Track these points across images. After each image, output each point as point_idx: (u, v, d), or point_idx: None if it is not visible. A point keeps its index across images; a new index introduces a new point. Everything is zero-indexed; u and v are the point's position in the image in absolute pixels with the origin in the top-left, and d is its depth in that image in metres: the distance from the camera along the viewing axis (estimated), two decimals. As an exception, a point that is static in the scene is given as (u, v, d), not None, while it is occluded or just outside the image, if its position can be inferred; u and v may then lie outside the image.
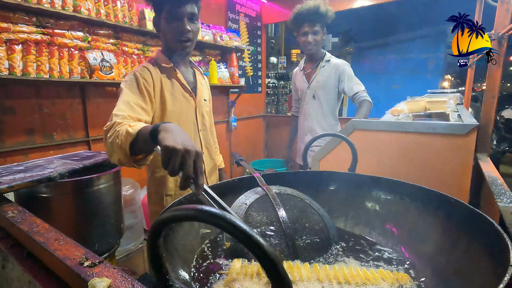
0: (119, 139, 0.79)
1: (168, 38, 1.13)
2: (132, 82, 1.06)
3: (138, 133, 0.77)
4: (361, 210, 0.94)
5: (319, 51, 2.09)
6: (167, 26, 1.10)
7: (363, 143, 1.33)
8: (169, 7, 1.07)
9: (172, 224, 0.35)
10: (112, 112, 0.92)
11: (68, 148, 1.99)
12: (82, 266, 0.46)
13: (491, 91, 1.18)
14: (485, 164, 1.06)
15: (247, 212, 0.84)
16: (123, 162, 0.83)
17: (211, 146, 1.37)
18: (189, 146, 0.60)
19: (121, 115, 0.90)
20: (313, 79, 2.11)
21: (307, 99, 2.16)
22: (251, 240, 0.29)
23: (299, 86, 2.22)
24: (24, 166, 0.96)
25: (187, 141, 0.62)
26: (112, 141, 0.82)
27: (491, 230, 0.56)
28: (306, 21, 1.96)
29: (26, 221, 0.64)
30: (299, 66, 2.28)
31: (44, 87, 1.83)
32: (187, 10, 1.08)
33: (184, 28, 1.09)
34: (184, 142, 0.61)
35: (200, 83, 1.31)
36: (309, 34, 1.98)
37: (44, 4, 1.60)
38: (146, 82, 1.08)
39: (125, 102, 0.98)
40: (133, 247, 2.03)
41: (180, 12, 1.07)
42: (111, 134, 0.83)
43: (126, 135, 0.78)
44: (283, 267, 0.29)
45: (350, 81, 2.02)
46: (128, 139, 0.77)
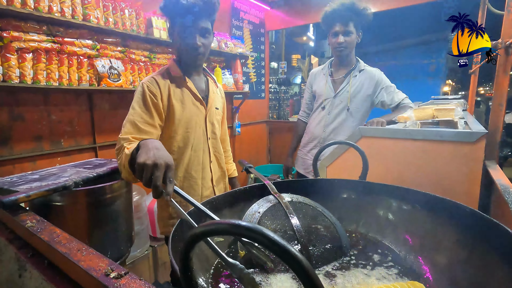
0: (121, 160, 0.93)
1: (181, 50, 1.18)
2: (139, 97, 1.11)
3: (132, 152, 0.87)
4: (373, 217, 0.95)
5: (351, 55, 1.84)
6: (180, 39, 1.14)
7: (370, 150, 1.34)
8: (183, 21, 1.10)
9: (206, 237, 0.35)
10: (119, 135, 1.02)
11: (75, 155, 2.00)
12: (109, 278, 0.47)
13: (499, 99, 1.19)
14: (495, 172, 1.06)
15: (261, 221, 0.84)
16: (129, 179, 0.98)
17: (221, 155, 1.37)
18: (158, 160, 0.67)
19: (125, 138, 0.99)
20: (342, 89, 1.84)
21: (331, 109, 1.87)
22: (289, 255, 0.30)
23: (321, 92, 1.92)
24: (39, 174, 0.97)
25: (158, 154, 0.69)
26: (119, 162, 0.96)
27: (507, 239, 0.56)
28: (337, 19, 1.72)
29: (46, 231, 0.65)
30: (322, 68, 2.00)
31: (53, 95, 1.86)
32: (200, 26, 1.11)
33: (195, 44, 1.12)
34: (155, 156, 0.68)
35: (212, 92, 1.32)
36: (340, 35, 1.73)
37: (55, 13, 1.63)
38: (153, 95, 1.12)
39: (131, 123, 1.06)
40: (139, 254, 2.03)
41: (192, 28, 1.11)
42: (119, 158, 0.97)
43: (125, 156, 0.91)
44: (320, 281, 0.29)
45: (389, 91, 1.80)
46: (127, 159, 0.89)
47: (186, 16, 1.08)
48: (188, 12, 1.08)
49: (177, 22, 1.12)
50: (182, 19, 1.10)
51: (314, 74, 2.05)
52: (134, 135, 1.02)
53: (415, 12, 4.68)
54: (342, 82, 1.86)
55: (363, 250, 0.85)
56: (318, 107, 1.95)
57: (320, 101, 1.93)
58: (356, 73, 1.84)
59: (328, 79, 1.91)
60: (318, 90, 1.96)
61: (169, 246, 0.59)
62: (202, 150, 1.27)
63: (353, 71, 1.84)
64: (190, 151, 1.23)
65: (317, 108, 1.96)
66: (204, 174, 1.28)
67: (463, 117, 1.61)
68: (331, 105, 1.87)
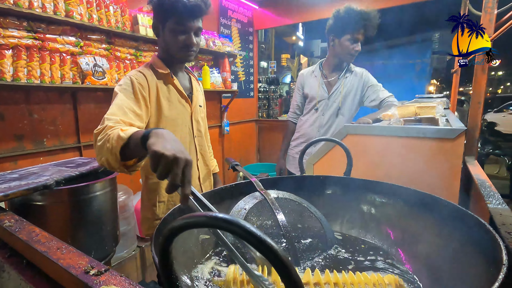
0: (109, 143, 0.77)
1: (172, 47, 1.13)
2: (127, 87, 1.04)
3: (130, 137, 0.75)
4: (357, 213, 0.96)
5: None
6: (173, 37, 1.10)
7: (356, 147, 1.36)
8: (178, 20, 1.07)
9: (184, 231, 0.35)
10: (104, 116, 0.89)
11: (59, 154, 1.95)
12: (88, 275, 0.46)
13: (477, 97, 1.23)
14: (474, 167, 1.10)
15: (247, 217, 0.85)
16: (113, 166, 0.81)
17: (206, 152, 1.37)
18: (178, 154, 0.59)
19: (113, 119, 0.88)
20: (335, 90, 1.88)
21: (324, 110, 1.90)
22: (265, 245, 0.30)
23: (314, 94, 1.93)
24: (19, 174, 0.94)
25: (178, 148, 0.61)
26: (102, 144, 0.80)
27: (483, 231, 0.58)
28: (363, 28, 1.73)
29: (25, 230, 0.63)
30: (313, 70, 2.00)
31: (34, 93, 1.80)
32: (195, 25, 1.10)
33: (191, 42, 1.11)
34: (175, 149, 0.60)
35: (196, 89, 1.32)
36: (359, 43, 1.77)
37: (36, 9, 1.59)
38: (142, 86, 1.06)
39: (119, 106, 0.95)
40: (126, 255, 2.00)
41: (188, 27, 1.09)
42: (102, 137, 0.81)
43: (117, 139, 0.76)
44: (296, 272, 0.30)
45: (375, 89, 1.85)
46: (120, 144, 0.76)
47: (184, 15, 1.06)
48: (188, 12, 1.06)
49: (170, 19, 1.08)
50: (178, 18, 1.07)
51: (304, 75, 2.04)
52: (120, 117, 0.90)
53: (400, 13, 4.78)
54: (335, 83, 1.89)
55: (347, 244, 0.87)
56: (312, 109, 1.95)
57: (313, 103, 1.93)
58: (347, 74, 1.89)
59: (321, 81, 1.92)
60: (310, 92, 1.96)
61: (152, 243, 0.58)
62: (189, 148, 1.26)
63: (346, 72, 1.89)
64: None
65: (310, 110, 1.97)
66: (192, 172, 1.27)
67: (445, 115, 1.66)
68: (325, 107, 1.90)
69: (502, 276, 0.43)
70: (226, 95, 3.50)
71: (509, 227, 0.60)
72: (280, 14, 3.78)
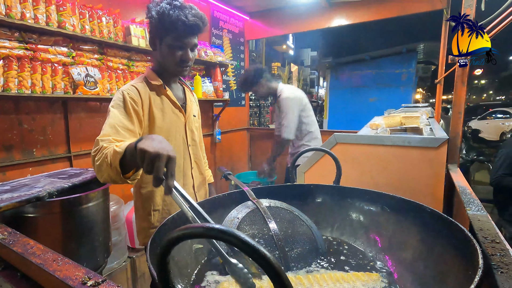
0: (108, 159, 0.83)
1: (168, 62, 1.17)
2: (119, 103, 1.08)
3: (126, 150, 0.81)
4: (346, 220, 1.00)
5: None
6: (170, 52, 1.14)
7: (345, 155, 1.41)
8: (177, 36, 1.11)
9: (181, 241, 0.37)
10: (97, 137, 0.94)
11: (49, 164, 1.93)
12: (86, 286, 0.47)
13: (458, 107, 1.30)
14: (455, 175, 1.15)
15: (240, 226, 0.86)
16: (116, 180, 0.86)
17: (201, 161, 1.39)
18: (161, 150, 0.66)
19: (106, 139, 0.93)
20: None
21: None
22: (258, 254, 0.32)
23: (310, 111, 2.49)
24: (10, 185, 0.94)
25: (162, 146, 0.68)
26: (101, 162, 0.85)
27: (462, 236, 0.62)
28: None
29: (19, 243, 0.64)
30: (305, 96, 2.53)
31: (25, 103, 1.79)
32: (192, 42, 1.15)
33: (187, 58, 1.15)
34: (158, 146, 0.67)
35: (190, 100, 1.35)
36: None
37: (28, 20, 1.59)
38: (133, 101, 1.10)
39: (111, 126, 1.00)
40: (117, 266, 1.97)
41: (185, 43, 1.13)
42: (99, 157, 0.87)
43: (114, 154, 0.82)
44: (287, 278, 0.32)
45: None
46: (117, 157, 0.81)
47: (183, 33, 1.10)
48: (187, 30, 1.10)
49: (168, 35, 1.12)
50: (177, 35, 1.10)
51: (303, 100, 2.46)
52: (114, 137, 0.96)
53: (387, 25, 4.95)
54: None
55: (336, 252, 0.90)
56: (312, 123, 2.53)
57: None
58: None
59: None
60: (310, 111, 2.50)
61: (147, 253, 0.59)
62: (183, 157, 1.29)
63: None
64: None
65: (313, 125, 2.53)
66: (186, 181, 1.30)
67: (429, 124, 1.73)
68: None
69: (478, 278, 0.47)
70: (217, 104, 3.53)
71: (486, 232, 0.64)
72: (271, 25, 3.87)
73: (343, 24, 3.33)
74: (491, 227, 0.66)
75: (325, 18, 3.42)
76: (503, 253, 0.54)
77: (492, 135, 9.98)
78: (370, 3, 3.10)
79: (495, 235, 0.62)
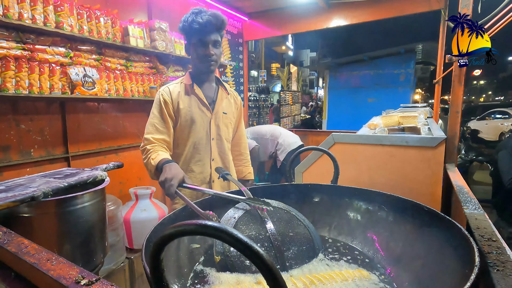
0: (148, 167, 1.24)
1: (195, 60, 1.37)
2: (156, 105, 1.36)
3: (157, 164, 1.19)
4: (344, 220, 0.99)
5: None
6: (194, 50, 1.34)
7: (343, 155, 1.40)
8: (198, 36, 1.31)
9: (175, 239, 0.37)
10: (143, 135, 1.32)
11: (46, 165, 1.92)
12: (79, 285, 0.47)
13: (455, 107, 1.30)
14: (453, 174, 1.15)
15: (237, 225, 0.86)
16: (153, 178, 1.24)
17: (226, 155, 1.49)
18: (168, 175, 1.05)
19: (149, 138, 1.29)
20: None
21: None
22: (251, 251, 0.32)
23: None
24: (5, 185, 0.93)
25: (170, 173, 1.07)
26: (145, 164, 1.27)
27: (459, 235, 0.62)
28: None
29: (13, 242, 0.63)
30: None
31: (22, 103, 1.79)
32: (212, 38, 1.31)
33: (209, 53, 1.32)
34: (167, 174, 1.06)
35: (221, 98, 1.46)
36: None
37: (26, 20, 1.59)
38: (165, 102, 1.35)
39: (151, 124, 1.34)
40: (114, 267, 1.96)
41: (205, 40, 1.31)
42: (144, 158, 1.28)
43: (150, 164, 1.21)
44: (280, 275, 0.32)
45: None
46: (153, 167, 1.20)
47: (200, 32, 1.28)
48: (202, 28, 1.27)
49: (193, 38, 1.31)
50: (197, 35, 1.29)
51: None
52: (153, 135, 1.30)
53: (385, 25, 4.95)
54: None
55: (334, 251, 0.89)
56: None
57: None
58: None
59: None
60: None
61: (142, 252, 0.59)
62: (204, 148, 1.42)
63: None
64: (191, 147, 1.41)
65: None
66: (203, 169, 1.44)
67: (428, 123, 1.73)
68: None
69: (474, 276, 0.46)
70: (216, 105, 3.53)
71: (483, 230, 0.63)
72: (269, 25, 3.87)
73: (342, 24, 3.33)
74: (488, 225, 0.66)
75: (324, 19, 3.42)
76: (499, 251, 0.54)
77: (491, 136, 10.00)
78: (368, 4, 3.11)
79: (492, 233, 0.62)
